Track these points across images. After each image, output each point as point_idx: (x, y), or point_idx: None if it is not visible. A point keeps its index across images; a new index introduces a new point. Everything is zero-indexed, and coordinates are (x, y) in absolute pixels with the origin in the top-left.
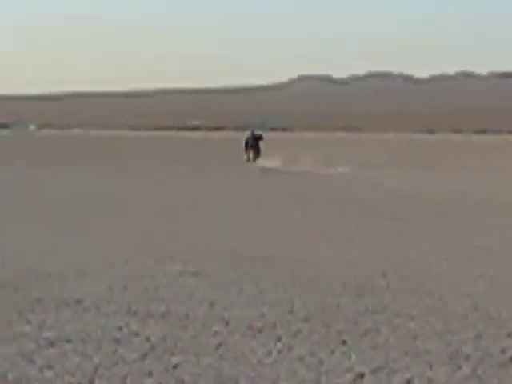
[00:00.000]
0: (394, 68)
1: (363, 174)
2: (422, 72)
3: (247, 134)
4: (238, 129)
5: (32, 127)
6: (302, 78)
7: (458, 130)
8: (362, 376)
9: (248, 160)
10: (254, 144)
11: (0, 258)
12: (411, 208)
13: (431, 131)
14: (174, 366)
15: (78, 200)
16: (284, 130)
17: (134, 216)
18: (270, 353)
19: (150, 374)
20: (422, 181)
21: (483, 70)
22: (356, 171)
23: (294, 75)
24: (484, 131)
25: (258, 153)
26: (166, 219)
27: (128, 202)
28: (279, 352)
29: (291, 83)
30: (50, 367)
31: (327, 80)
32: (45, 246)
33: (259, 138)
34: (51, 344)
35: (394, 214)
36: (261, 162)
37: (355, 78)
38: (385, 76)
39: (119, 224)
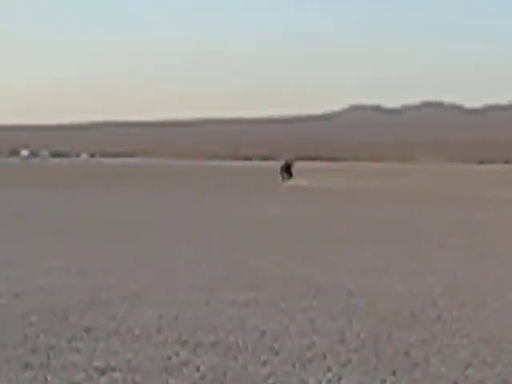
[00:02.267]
0: (446, 98)
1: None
2: (474, 102)
3: (283, 161)
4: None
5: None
6: (354, 108)
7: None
8: None
9: (282, 181)
10: (287, 169)
11: (49, 285)
12: (457, 234)
13: (481, 162)
14: None
15: (134, 223)
16: (334, 159)
17: (184, 242)
18: (319, 383)
19: None
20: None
21: None
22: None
23: (346, 105)
24: None
25: (290, 175)
26: (215, 245)
27: (180, 227)
28: (329, 382)
29: (343, 113)
30: None
31: (379, 110)
32: (94, 270)
33: (291, 164)
34: (101, 373)
35: (440, 240)
36: (291, 182)
37: (407, 108)
38: (437, 106)
39: (170, 251)
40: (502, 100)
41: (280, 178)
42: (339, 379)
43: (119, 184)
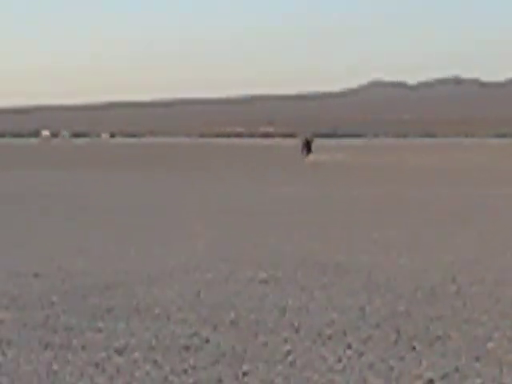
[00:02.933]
0: (466, 73)
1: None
2: (495, 76)
3: (303, 137)
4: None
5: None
6: (374, 84)
7: None
8: (432, 382)
9: (303, 156)
10: (307, 145)
11: (68, 267)
12: (479, 211)
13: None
14: (244, 373)
15: (151, 205)
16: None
17: (200, 223)
18: (340, 360)
19: (220, 381)
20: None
21: None
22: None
23: (365, 81)
24: None
25: (310, 151)
26: (231, 225)
27: (195, 205)
28: (349, 359)
29: (363, 89)
30: (120, 375)
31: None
32: (113, 252)
33: (310, 141)
34: (121, 352)
35: (456, 215)
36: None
37: (425, 85)
38: (456, 81)
39: (186, 232)
40: None
41: (302, 154)
42: (359, 356)
43: (135, 166)
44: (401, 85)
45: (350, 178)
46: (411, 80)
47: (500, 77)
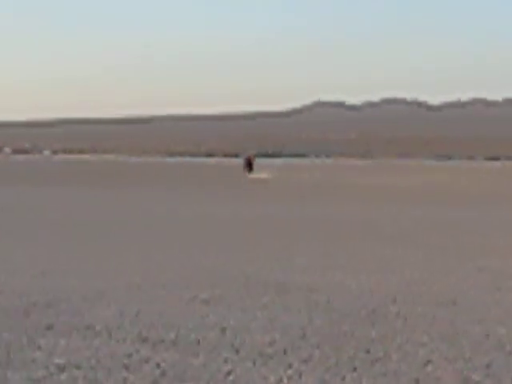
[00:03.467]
0: (408, 94)
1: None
2: (435, 98)
3: (245, 156)
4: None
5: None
6: (318, 105)
7: (470, 157)
8: None
9: (246, 173)
10: (248, 164)
11: (10, 284)
12: (419, 232)
13: (442, 157)
14: None
15: (95, 222)
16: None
17: (145, 241)
18: (280, 380)
19: None
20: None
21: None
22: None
23: (309, 102)
24: (497, 158)
25: (251, 169)
26: (177, 244)
27: (141, 224)
28: (289, 379)
29: (307, 109)
30: None
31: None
32: (55, 268)
33: (251, 160)
34: (61, 370)
35: (393, 235)
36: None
37: (369, 105)
38: (398, 102)
39: (129, 249)
40: (462, 97)
41: (244, 172)
42: (300, 375)
43: (79, 182)
44: (344, 105)
45: (291, 195)
46: (356, 100)
47: (443, 99)
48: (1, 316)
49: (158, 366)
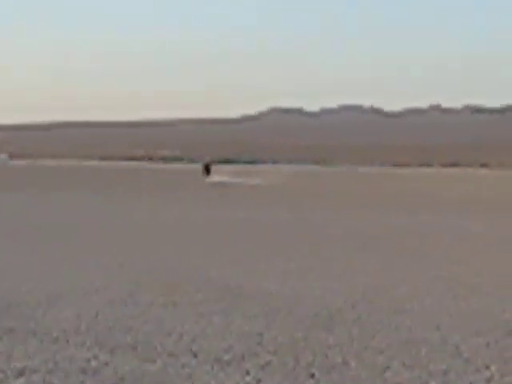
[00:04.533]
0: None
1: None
2: (393, 105)
3: (204, 162)
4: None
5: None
6: (274, 110)
7: (429, 164)
8: None
9: (204, 177)
10: (207, 169)
11: None
12: (378, 238)
13: (401, 164)
14: None
15: (56, 225)
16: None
17: (102, 245)
18: None
19: None
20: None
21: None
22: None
23: (264, 108)
24: (455, 164)
25: (209, 173)
26: (135, 248)
27: (102, 227)
28: None
29: (262, 116)
30: None
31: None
32: (15, 273)
33: (210, 165)
34: (19, 374)
35: (360, 244)
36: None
37: (327, 111)
38: (356, 109)
39: (88, 253)
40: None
41: (203, 177)
42: (258, 382)
43: (29, 186)
44: (301, 112)
45: (251, 200)
46: (313, 107)
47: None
48: None
49: (115, 370)
